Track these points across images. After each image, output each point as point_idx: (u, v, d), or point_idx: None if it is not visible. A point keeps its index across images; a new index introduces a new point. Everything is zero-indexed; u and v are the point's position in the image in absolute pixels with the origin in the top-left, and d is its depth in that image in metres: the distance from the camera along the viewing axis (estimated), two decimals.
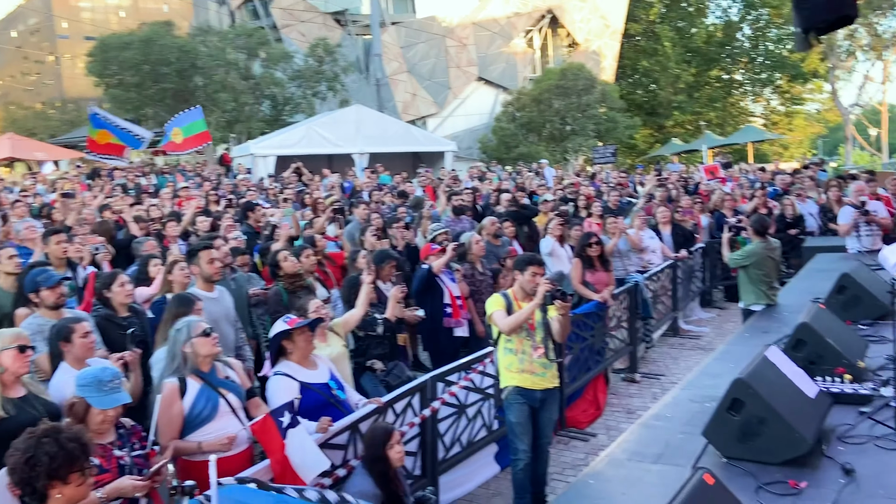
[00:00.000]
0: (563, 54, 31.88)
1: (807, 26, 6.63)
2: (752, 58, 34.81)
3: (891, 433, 3.45)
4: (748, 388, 3.36)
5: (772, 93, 35.57)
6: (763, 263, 6.55)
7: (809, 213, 10.98)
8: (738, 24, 35.22)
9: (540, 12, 30.83)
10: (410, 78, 28.60)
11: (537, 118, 26.50)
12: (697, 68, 34.44)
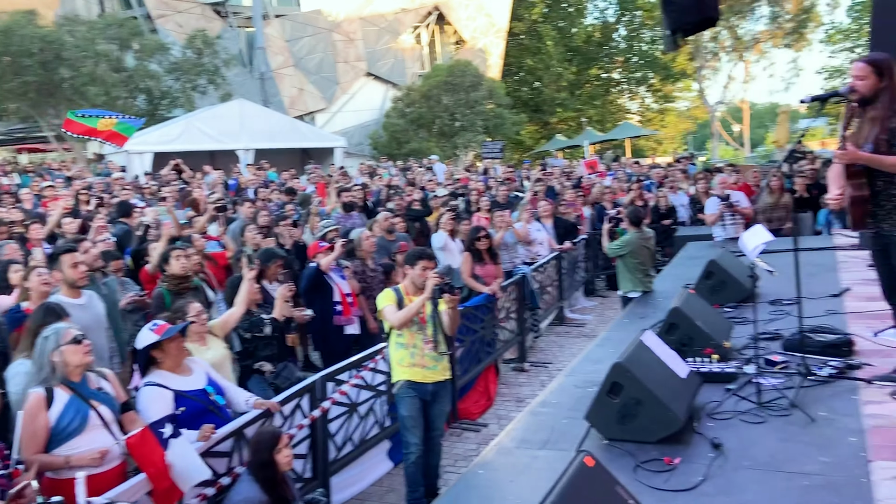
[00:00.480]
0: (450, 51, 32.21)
1: (674, 27, 7.03)
2: (627, 58, 36.59)
3: (754, 408, 3.71)
4: (626, 371, 3.52)
5: (646, 91, 37.55)
6: (638, 252, 6.89)
7: (681, 205, 11.68)
8: (614, 25, 36.92)
9: (427, 9, 30.98)
10: (297, 72, 27.97)
11: (427, 114, 26.66)
12: (578, 67, 35.80)
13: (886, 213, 3.64)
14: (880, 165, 3.57)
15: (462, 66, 27.16)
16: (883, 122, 3.57)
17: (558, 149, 27.67)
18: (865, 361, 4.28)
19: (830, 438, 3.30)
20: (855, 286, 6.21)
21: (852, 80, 3.71)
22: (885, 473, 2.91)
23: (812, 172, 10.75)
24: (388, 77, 29.88)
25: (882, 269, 3.85)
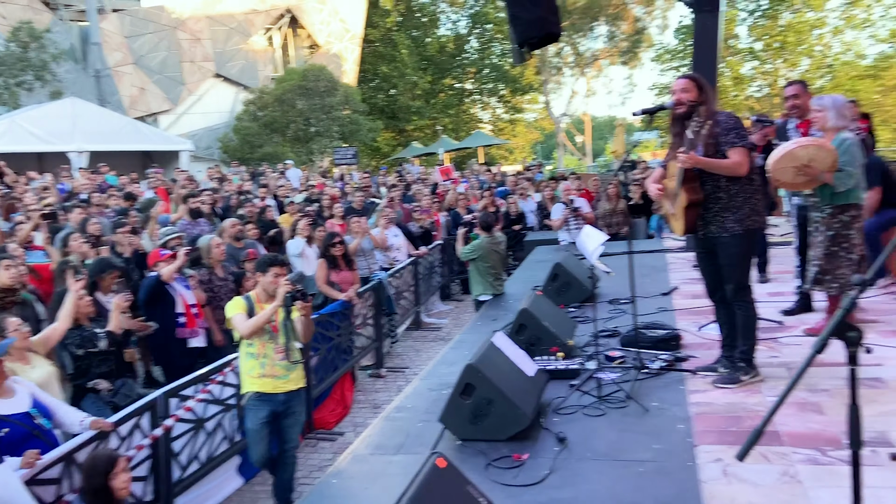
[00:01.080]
0: (304, 55, 31.62)
1: (520, 41, 7.32)
2: (479, 69, 37.71)
3: (595, 401, 3.93)
4: (477, 372, 3.60)
5: (497, 102, 38.89)
6: (489, 256, 7.10)
7: (530, 211, 12.19)
8: (466, 37, 37.92)
9: (279, 11, 30.20)
10: (137, 71, 26.24)
11: (281, 118, 25.95)
12: (433, 76, 36.40)
13: (713, 216, 3.98)
14: (717, 168, 3.89)
15: (317, 71, 26.73)
16: (707, 129, 3.91)
17: (414, 156, 27.95)
18: (691, 354, 4.67)
19: (662, 426, 3.56)
20: (682, 285, 6.77)
21: (678, 94, 4.04)
22: (709, 456, 3.18)
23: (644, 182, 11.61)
24: (238, 79, 28.77)
25: (706, 269, 4.20)
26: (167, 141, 21.95)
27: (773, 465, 3.05)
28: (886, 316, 5.19)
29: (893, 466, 2.93)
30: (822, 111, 4.69)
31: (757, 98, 32.06)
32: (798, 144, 4.47)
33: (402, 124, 35.83)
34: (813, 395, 3.79)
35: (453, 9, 37.83)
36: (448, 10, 38.01)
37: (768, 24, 31.26)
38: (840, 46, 31.79)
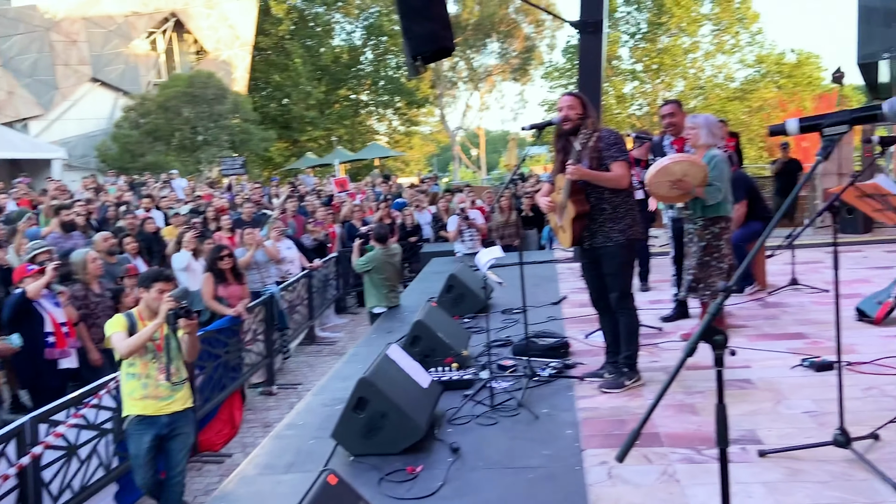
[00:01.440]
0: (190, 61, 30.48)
1: (414, 54, 7.37)
2: (375, 81, 37.72)
3: (488, 410, 3.97)
4: (371, 386, 3.56)
5: (393, 114, 39.01)
6: (384, 269, 7.07)
7: (426, 223, 12.27)
8: (361, 48, 37.84)
9: (162, 14, 28.96)
10: (6, 73, 24.39)
11: (165, 126, 24.86)
12: (327, 86, 36.04)
13: (598, 227, 4.15)
14: (601, 181, 4.06)
15: (204, 78, 25.83)
16: (591, 145, 4.07)
17: (309, 167, 27.51)
18: (579, 361, 4.83)
19: (551, 433, 3.65)
20: (571, 294, 7.00)
21: (564, 111, 4.18)
22: (595, 460, 3.29)
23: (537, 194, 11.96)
24: (117, 84, 27.30)
25: (591, 278, 4.36)
26: (38, 148, 20.55)
27: (654, 466, 3.19)
28: (753, 321, 5.58)
29: (762, 462, 3.13)
30: (694, 129, 5.01)
31: (638, 116, 33.86)
32: (672, 160, 4.74)
33: (295, 134, 35.21)
34: (689, 397, 4.01)
35: (348, 19, 37.66)
36: (342, 20, 37.80)
37: (647, 46, 33.16)
38: (712, 70, 34.16)
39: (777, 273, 7.01)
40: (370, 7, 36.70)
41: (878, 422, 3.35)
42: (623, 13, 33.79)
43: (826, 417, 3.52)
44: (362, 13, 37.20)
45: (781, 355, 4.63)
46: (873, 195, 3.37)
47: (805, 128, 1.83)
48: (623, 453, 1.63)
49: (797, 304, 6.00)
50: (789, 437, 3.33)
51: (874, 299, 5.30)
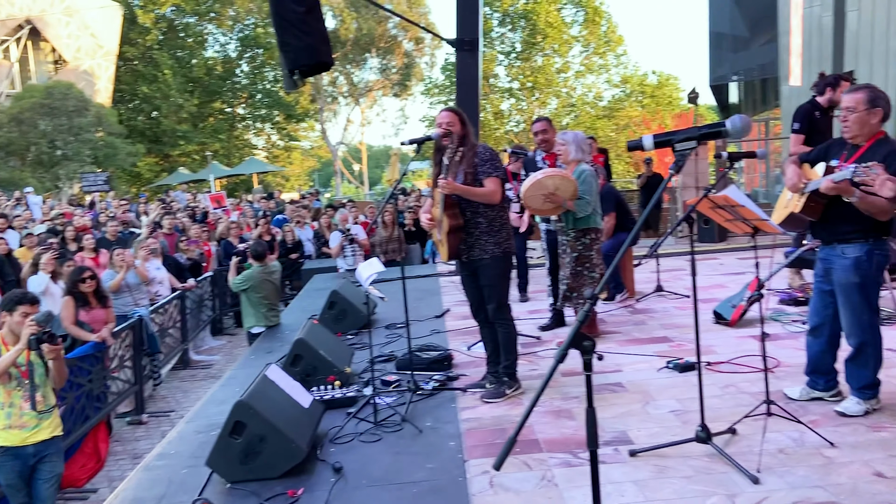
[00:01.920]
0: (48, 71, 28.47)
1: (292, 68, 7.25)
2: (251, 94, 36.74)
3: (372, 427, 3.94)
4: (248, 409, 3.43)
5: (271, 128, 38.14)
6: (262, 287, 6.87)
7: (308, 239, 12.05)
8: (236, 60, 36.77)
9: (16, 21, 26.93)
10: None
11: (19, 139, 23.05)
12: (200, 99, 34.71)
13: (475, 240, 4.23)
14: (472, 195, 4.13)
15: (63, 88, 24.19)
16: (468, 161, 4.16)
17: (182, 182, 26.33)
18: (462, 372, 4.89)
19: (435, 445, 3.66)
20: (453, 307, 7.09)
21: (443, 126, 4.24)
22: (477, 470, 3.33)
23: (419, 209, 12.06)
24: None
25: (470, 291, 4.43)
26: None
27: (533, 472, 3.27)
28: (624, 327, 5.87)
29: (633, 462, 3.29)
30: (564, 145, 5.24)
31: (516, 133, 35.00)
32: (545, 174, 4.93)
33: (166, 149, 33.64)
34: (566, 403, 4.15)
35: (221, 31, 36.50)
36: (216, 31, 36.60)
37: (522, 65, 34.40)
38: (582, 89, 35.93)
39: (644, 281, 7.43)
40: (245, 19, 35.78)
41: (735, 417, 3.62)
42: (498, 33, 34.91)
43: (689, 415, 3.75)
44: (236, 24, 36.19)
45: (649, 358, 4.90)
46: (724, 206, 3.65)
47: (658, 143, 1.96)
48: (500, 462, 1.66)
49: (662, 310, 6.38)
50: (657, 436, 3.52)
51: (729, 303, 5.73)
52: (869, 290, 3.50)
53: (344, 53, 34.18)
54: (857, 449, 3.24)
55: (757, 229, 3.66)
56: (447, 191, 4.09)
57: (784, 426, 3.50)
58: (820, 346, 3.78)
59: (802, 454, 3.23)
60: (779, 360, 4.57)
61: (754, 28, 22.94)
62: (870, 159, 3.20)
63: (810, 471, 3.06)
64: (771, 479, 3.00)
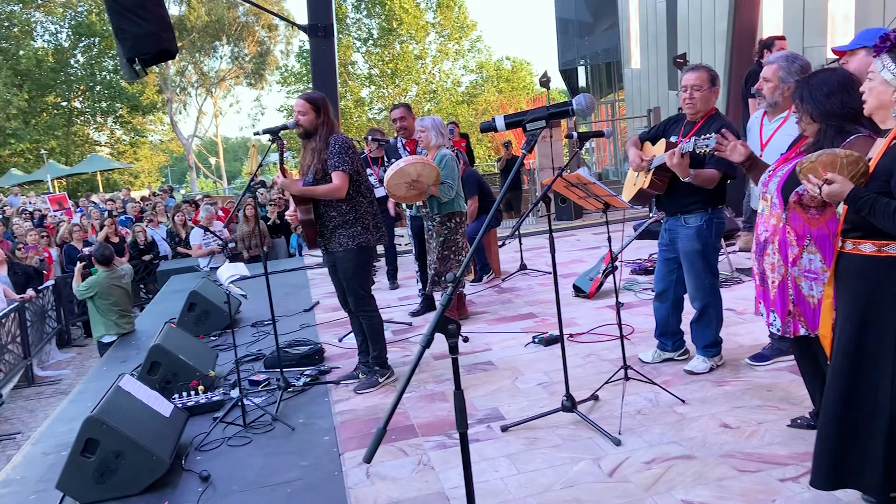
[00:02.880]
0: None
1: (131, 56, 6.77)
2: (90, 86, 34.02)
3: (240, 430, 3.78)
4: (101, 424, 3.19)
5: (114, 123, 35.52)
6: (110, 293, 6.40)
7: (162, 238, 11.36)
8: (70, 50, 33.86)
9: None
10: None
11: None
12: (31, 94, 31.70)
13: (330, 233, 4.14)
14: (314, 195, 4.05)
15: None
16: (320, 153, 4.05)
17: (15, 184, 23.97)
18: (335, 365, 4.81)
19: (309, 442, 3.58)
20: (323, 299, 6.96)
21: (296, 115, 4.11)
22: (353, 462, 3.29)
23: (281, 200, 11.72)
24: None
25: (335, 282, 4.36)
26: None
27: (410, 458, 3.27)
28: (491, 306, 6.02)
29: (505, 437, 3.37)
30: (424, 131, 5.25)
31: (378, 120, 34.84)
32: (407, 162, 4.92)
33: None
34: (439, 386, 4.19)
35: (51, 19, 33.44)
36: (44, 20, 33.48)
37: (381, 52, 34.25)
38: (440, 75, 36.33)
39: (509, 260, 7.65)
40: (77, 5, 33.00)
41: (596, 384, 3.81)
42: (354, 19, 34.50)
43: (556, 387, 3.91)
44: (68, 12, 33.30)
45: (516, 335, 5.05)
46: (577, 184, 3.80)
47: (510, 124, 2.00)
48: (370, 454, 1.63)
49: (527, 288, 6.60)
50: (527, 410, 3.64)
51: (586, 276, 6.02)
52: (709, 255, 3.79)
53: (191, 41, 32.45)
54: (705, 403, 3.51)
55: (608, 205, 3.84)
56: (293, 191, 4.01)
57: (640, 388, 3.73)
58: (666, 310, 4.06)
59: (658, 413, 3.45)
60: (633, 327, 4.86)
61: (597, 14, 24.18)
62: (705, 133, 3.45)
63: (665, 428, 3.28)
64: (631, 440, 3.19)
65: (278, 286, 7.30)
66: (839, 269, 2.33)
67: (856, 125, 2.52)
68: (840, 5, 10.95)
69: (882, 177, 2.13)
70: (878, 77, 2.20)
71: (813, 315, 2.73)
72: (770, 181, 2.83)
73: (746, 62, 9.54)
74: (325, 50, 8.85)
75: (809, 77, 2.70)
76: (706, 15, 14.91)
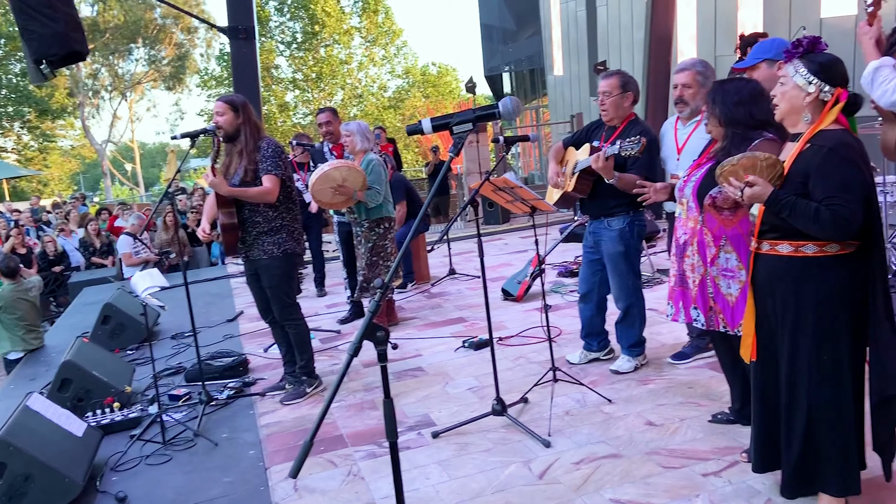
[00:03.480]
0: None
1: (37, 58, 6.42)
2: None
3: (159, 447, 3.61)
4: (7, 446, 2.99)
5: (21, 128, 33.66)
6: (16, 307, 6.04)
7: (74, 248, 10.83)
8: None
9: None
10: None
11: None
12: None
13: (253, 240, 4.02)
14: (243, 197, 3.91)
15: None
16: (248, 154, 3.93)
17: None
18: (260, 376, 4.68)
19: (233, 457, 3.45)
20: (247, 309, 6.78)
21: (216, 118, 3.98)
22: (280, 476, 3.19)
23: (202, 207, 11.35)
24: None
25: (256, 291, 4.22)
26: None
27: (339, 469, 3.20)
28: (421, 312, 5.99)
29: (436, 443, 3.35)
30: (350, 136, 5.18)
31: (303, 125, 34.30)
32: (332, 166, 4.84)
33: None
34: (369, 394, 4.13)
35: None
36: None
37: (305, 56, 33.77)
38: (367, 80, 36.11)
39: (437, 265, 7.65)
40: None
41: (526, 386, 3.83)
42: (277, 22, 33.89)
43: (486, 391, 3.91)
44: None
45: (446, 340, 5.04)
46: (504, 188, 3.82)
47: (437, 127, 1.98)
48: (296, 469, 1.57)
49: (456, 292, 6.61)
50: (458, 415, 3.63)
51: (514, 279, 6.08)
52: (632, 257, 3.88)
53: (105, 42, 31.14)
54: (630, 402, 3.59)
55: (534, 208, 3.88)
56: (222, 191, 3.85)
57: (568, 389, 3.78)
58: (591, 311, 4.14)
59: (585, 413, 3.50)
60: (560, 329, 4.93)
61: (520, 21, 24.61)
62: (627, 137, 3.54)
63: (593, 428, 3.33)
64: (560, 441, 3.21)
65: (200, 296, 7.06)
66: (756, 270, 2.41)
67: (760, 131, 2.63)
68: (749, 16, 11.51)
69: (797, 179, 2.21)
70: (791, 82, 2.29)
71: (732, 312, 2.83)
72: (685, 186, 2.94)
73: (663, 69, 9.90)
74: (246, 53, 8.64)
75: (723, 83, 2.80)
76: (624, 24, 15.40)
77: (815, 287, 2.24)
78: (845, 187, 2.13)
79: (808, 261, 2.25)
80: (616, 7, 15.86)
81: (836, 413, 2.28)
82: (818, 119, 2.26)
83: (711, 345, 3.64)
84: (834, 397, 2.28)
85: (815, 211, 2.14)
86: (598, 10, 16.81)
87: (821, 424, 2.30)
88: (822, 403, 2.29)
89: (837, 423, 2.28)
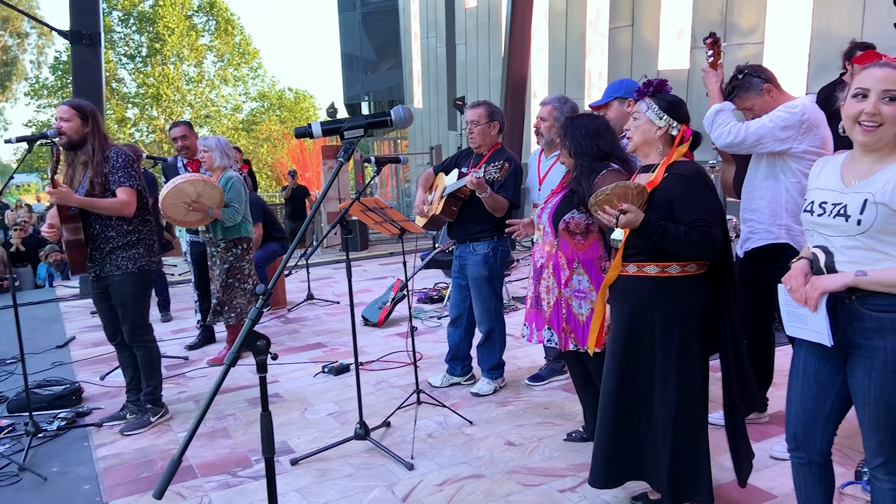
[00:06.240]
0: None
1: None
2: None
3: None
4: None
5: None
6: None
7: None
8: None
9: None
10: None
11: None
12: None
13: (106, 255, 3.69)
14: (96, 208, 3.59)
15: None
16: (96, 165, 3.61)
17: None
18: (95, 406, 4.28)
19: (65, 493, 3.11)
20: (80, 334, 6.21)
21: (58, 123, 3.64)
22: None
23: (27, 225, 10.36)
24: None
25: (104, 312, 3.85)
26: None
27: (188, 501, 2.98)
28: (277, 337, 5.78)
29: (295, 470, 3.21)
30: (208, 151, 4.95)
31: (146, 143, 32.38)
32: (185, 179, 4.59)
33: None
34: (221, 422, 3.90)
35: None
36: None
37: (150, 70, 32.02)
38: (219, 100, 34.82)
39: (295, 290, 7.44)
40: None
41: (388, 410, 3.80)
42: (121, 34, 31.95)
43: (348, 415, 3.83)
44: None
45: (305, 366, 4.89)
46: (374, 209, 3.81)
47: (327, 131, 1.94)
48: (160, 490, 1.44)
49: (314, 317, 6.45)
50: (318, 441, 3.51)
51: (374, 305, 6.04)
52: (495, 281, 4.00)
53: None
54: (490, 423, 3.66)
55: (403, 230, 3.90)
56: (58, 199, 3.51)
57: (431, 412, 3.79)
58: (459, 336, 4.20)
59: (448, 435, 3.52)
60: (422, 353, 4.95)
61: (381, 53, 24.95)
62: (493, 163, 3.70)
63: (455, 449, 3.35)
64: (424, 463, 3.20)
65: (24, 321, 6.40)
66: (619, 290, 2.55)
67: (606, 163, 2.86)
68: (595, 64, 12.42)
69: (662, 205, 2.38)
70: (644, 116, 2.50)
71: (583, 331, 3.01)
72: (543, 213, 3.12)
73: (519, 107, 10.41)
74: (89, 59, 8.05)
75: (574, 118, 3.03)
76: (482, 63, 16.06)
77: (679, 304, 2.41)
78: (708, 210, 2.34)
79: (673, 280, 2.42)
80: (475, 47, 16.53)
81: (692, 425, 2.45)
82: (670, 151, 2.47)
83: (566, 367, 3.82)
84: (693, 410, 2.44)
85: (685, 234, 2.32)
86: (458, 47, 17.42)
87: (681, 436, 2.45)
88: (683, 416, 2.44)
89: (695, 435, 2.45)
